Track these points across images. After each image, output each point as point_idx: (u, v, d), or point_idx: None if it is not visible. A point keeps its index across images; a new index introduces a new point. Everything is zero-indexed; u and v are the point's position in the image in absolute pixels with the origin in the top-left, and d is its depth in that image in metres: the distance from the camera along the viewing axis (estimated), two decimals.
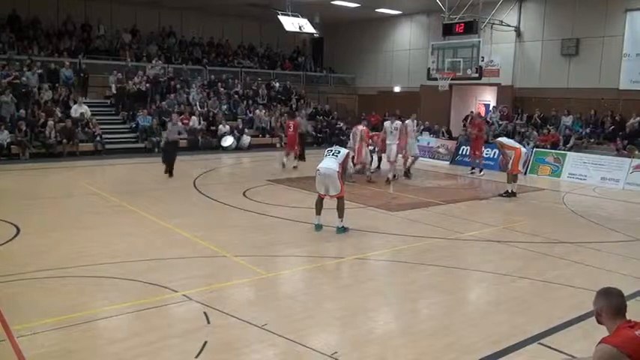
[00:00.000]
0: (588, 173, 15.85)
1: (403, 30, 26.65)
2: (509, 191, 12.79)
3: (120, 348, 4.81)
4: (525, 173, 15.84)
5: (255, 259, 7.48)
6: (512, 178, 12.82)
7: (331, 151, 9.23)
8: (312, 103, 26.98)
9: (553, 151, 17.32)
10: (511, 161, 12.67)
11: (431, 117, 22.84)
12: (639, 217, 11.57)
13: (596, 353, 3.02)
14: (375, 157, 16.15)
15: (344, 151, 9.23)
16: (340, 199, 8.92)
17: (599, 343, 3.07)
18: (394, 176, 14.53)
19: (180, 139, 15.44)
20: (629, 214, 11.86)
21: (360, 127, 14.57)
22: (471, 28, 19.07)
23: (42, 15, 23.10)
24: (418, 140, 17.55)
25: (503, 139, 13.51)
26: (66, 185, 13.60)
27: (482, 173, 16.44)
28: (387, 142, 14.53)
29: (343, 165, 9.09)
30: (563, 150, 17.39)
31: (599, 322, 3.30)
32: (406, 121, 15.00)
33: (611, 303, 3.23)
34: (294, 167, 16.38)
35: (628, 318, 3.21)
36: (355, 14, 25.38)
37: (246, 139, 22.01)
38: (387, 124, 14.79)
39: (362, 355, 4.82)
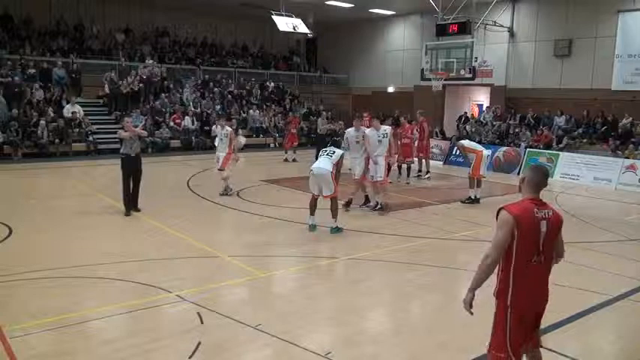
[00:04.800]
0: (581, 173, 15.94)
1: (397, 30, 26.68)
2: (473, 197, 11.90)
3: (113, 349, 4.80)
4: (521, 174, 15.86)
5: (249, 260, 7.47)
6: (476, 183, 11.92)
7: (326, 151, 9.22)
8: (305, 103, 26.98)
9: (546, 151, 17.42)
10: (472, 165, 11.94)
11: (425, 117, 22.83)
12: (631, 216, 11.65)
13: (499, 216, 3.58)
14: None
15: (339, 152, 9.20)
16: (333, 200, 8.93)
17: (502, 208, 3.57)
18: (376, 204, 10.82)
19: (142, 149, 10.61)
20: (621, 214, 11.93)
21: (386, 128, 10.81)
22: (464, 28, 19.12)
23: (34, 14, 22.98)
24: None
25: (465, 142, 12.92)
26: (58, 185, 13.56)
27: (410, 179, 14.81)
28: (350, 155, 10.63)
29: (337, 166, 9.08)
30: (556, 150, 17.48)
31: (519, 190, 3.76)
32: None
33: (532, 178, 3.66)
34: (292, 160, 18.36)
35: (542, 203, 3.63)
36: (349, 14, 25.38)
37: (242, 140, 21.86)
38: (350, 131, 10.76)
39: (356, 355, 4.82)
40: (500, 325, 3.62)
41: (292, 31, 21.74)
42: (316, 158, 9.95)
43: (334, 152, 9.12)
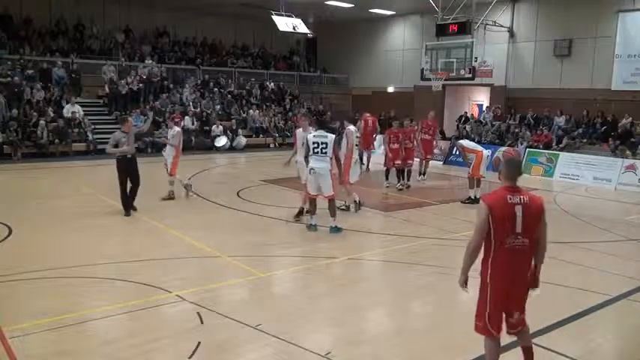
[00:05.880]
0: (580, 173, 15.94)
1: (397, 30, 26.67)
2: (473, 197, 11.78)
3: (113, 349, 4.80)
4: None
5: (249, 260, 7.47)
6: (476, 183, 11.93)
7: (317, 145, 8.83)
8: (305, 103, 26.98)
9: (546, 151, 17.42)
10: (472, 165, 11.93)
11: (424, 117, 22.82)
12: (631, 216, 11.64)
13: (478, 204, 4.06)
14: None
15: (330, 137, 8.89)
16: (332, 200, 8.93)
17: (480, 197, 4.12)
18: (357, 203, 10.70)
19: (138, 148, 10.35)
20: (621, 214, 11.92)
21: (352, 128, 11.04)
22: (464, 28, 19.13)
23: (34, 14, 22.94)
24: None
25: (464, 142, 12.93)
26: (58, 185, 13.55)
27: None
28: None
29: (335, 154, 8.98)
30: (556, 150, 17.48)
31: (499, 179, 4.24)
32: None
33: (506, 170, 4.19)
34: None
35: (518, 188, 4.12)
36: (349, 14, 25.37)
37: (242, 140, 21.96)
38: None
39: (355, 355, 4.82)
40: (481, 300, 4.08)
41: (292, 31, 21.74)
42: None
43: (326, 144, 8.81)
